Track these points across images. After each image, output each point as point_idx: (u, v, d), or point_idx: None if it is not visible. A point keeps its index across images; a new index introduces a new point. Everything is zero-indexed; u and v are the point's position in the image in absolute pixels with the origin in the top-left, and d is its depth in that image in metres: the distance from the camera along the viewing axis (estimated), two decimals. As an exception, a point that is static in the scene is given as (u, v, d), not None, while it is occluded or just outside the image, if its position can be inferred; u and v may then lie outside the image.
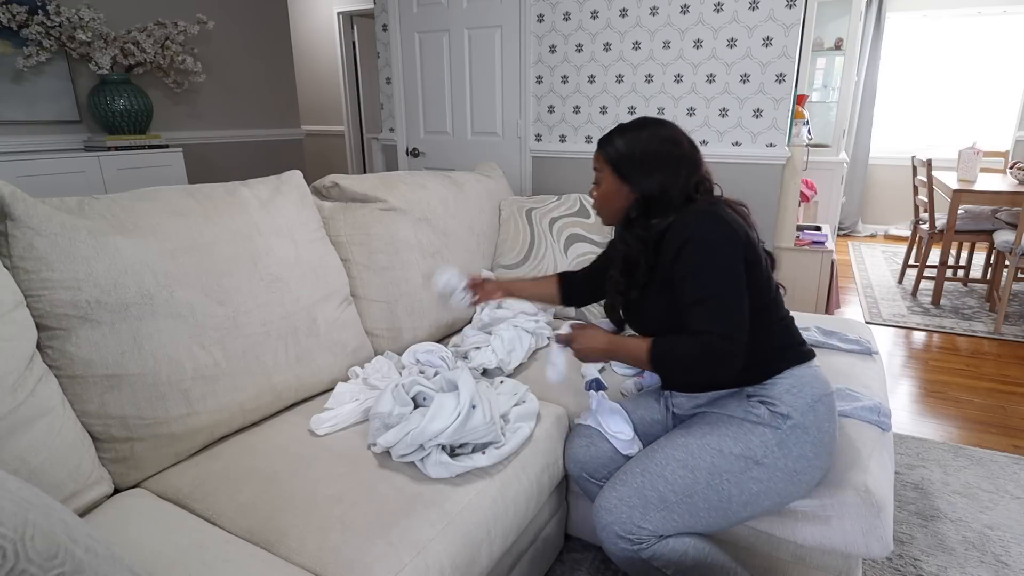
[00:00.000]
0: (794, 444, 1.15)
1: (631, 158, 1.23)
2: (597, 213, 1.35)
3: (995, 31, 5.12)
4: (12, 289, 1.04)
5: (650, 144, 1.22)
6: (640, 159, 1.22)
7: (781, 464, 1.15)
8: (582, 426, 1.41)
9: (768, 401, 1.18)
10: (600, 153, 1.28)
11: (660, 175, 1.21)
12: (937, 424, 2.34)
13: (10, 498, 0.52)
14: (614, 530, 1.16)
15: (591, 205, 1.37)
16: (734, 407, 1.21)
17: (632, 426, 1.35)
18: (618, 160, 1.24)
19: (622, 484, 1.19)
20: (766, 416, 1.17)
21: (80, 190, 2.79)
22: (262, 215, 1.45)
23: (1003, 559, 1.61)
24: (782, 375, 1.20)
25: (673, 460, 1.18)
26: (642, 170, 1.22)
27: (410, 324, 1.80)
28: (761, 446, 1.15)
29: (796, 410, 1.16)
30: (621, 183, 1.25)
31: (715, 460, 1.16)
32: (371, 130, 5.78)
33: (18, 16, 2.68)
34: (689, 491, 1.15)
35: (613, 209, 1.29)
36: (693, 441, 1.20)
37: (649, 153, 1.22)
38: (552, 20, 2.87)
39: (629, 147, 1.23)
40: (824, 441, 1.18)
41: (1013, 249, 3.13)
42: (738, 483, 1.15)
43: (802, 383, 1.19)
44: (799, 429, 1.16)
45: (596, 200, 1.32)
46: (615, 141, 1.25)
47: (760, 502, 1.17)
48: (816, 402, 1.18)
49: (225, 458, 1.25)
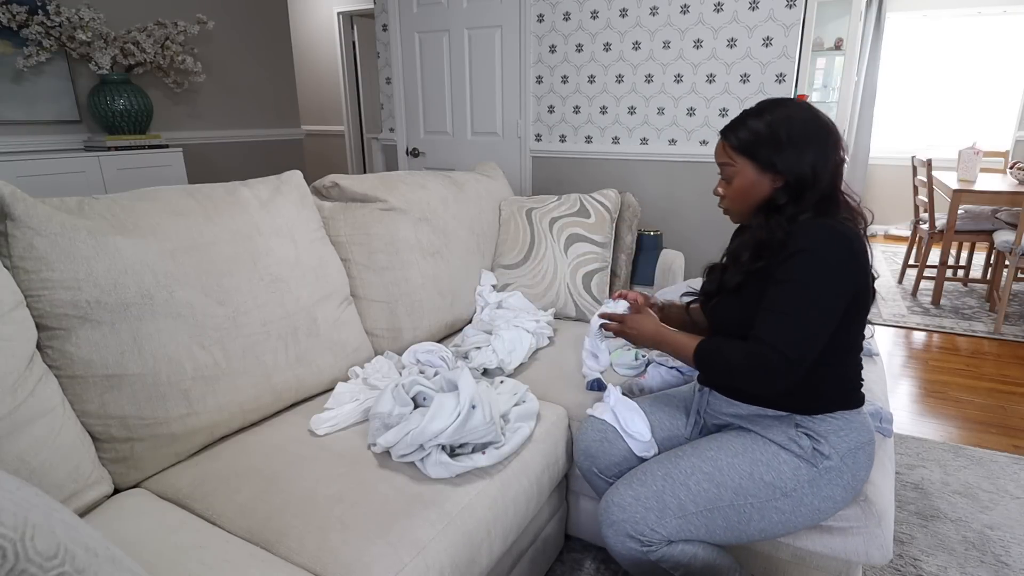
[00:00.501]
0: (825, 485, 1.13)
1: (774, 139, 1.10)
2: (726, 211, 1.22)
3: (995, 31, 5.12)
4: (12, 289, 1.04)
5: (793, 123, 1.11)
6: (787, 139, 1.10)
7: (807, 501, 1.13)
8: (595, 419, 1.36)
9: (814, 436, 1.14)
10: (728, 144, 1.16)
11: (811, 154, 1.09)
12: (937, 424, 2.34)
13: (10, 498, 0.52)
14: (624, 528, 1.13)
15: (718, 203, 1.24)
16: (777, 432, 1.16)
17: (650, 428, 1.31)
18: (756, 145, 1.12)
19: (640, 484, 1.16)
20: (808, 451, 1.13)
21: (80, 190, 2.79)
22: (262, 215, 1.45)
23: (1003, 559, 1.61)
24: (834, 415, 1.15)
25: (700, 472, 1.15)
26: (792, 150, 1.09)
27: (410, 324, 1.80)
28: (793, 479, 1.12)
29: (837, 453, 1.13)
30: (762, 172, 1.13)
31: (743, 482, 1.13)
32: (371, 130, 5.78)
33: (18, 16, 2.68)
34: (711, 506, 1.13)
35: (752, 203, 1.16)
36: (724, 458, 1.15)
37: (795, 132, 1.10)
38: (552, 20, 2.87)
39: (769, 129, 1.11)
40: (854, 487, 1.15)
41: (1013, 249, 3.13)
42: (760, 509, 1.13)
43: (850, 427, 1.15)
44: (835, 472, 1.13)
45: (730, 197, 1.19)
46: (749, 125, 1.13)
47: (775, 530, 1.15)
48: (858, 449, 1.15)
49: (225, 458, 1.25)
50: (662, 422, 1.34)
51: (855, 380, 1.20)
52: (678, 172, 2.79)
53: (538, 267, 2.10)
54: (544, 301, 2.07)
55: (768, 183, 1.14)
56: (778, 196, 1.13)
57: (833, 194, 1.13)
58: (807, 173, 1.10)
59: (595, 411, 1.38)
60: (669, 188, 2.83)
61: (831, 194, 1.12)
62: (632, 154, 2.87)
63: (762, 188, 1.14)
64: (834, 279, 1.04)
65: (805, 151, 1.10)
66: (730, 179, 1.18)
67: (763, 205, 1.15)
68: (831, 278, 1.04)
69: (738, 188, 1.17)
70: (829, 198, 1.12)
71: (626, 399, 1.36)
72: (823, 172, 1.10)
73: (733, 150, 1.15)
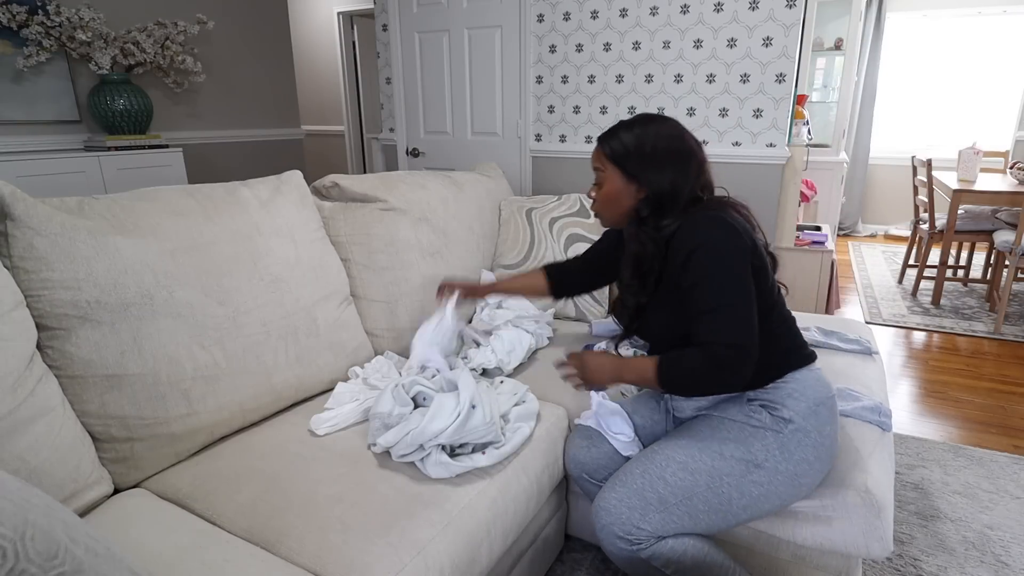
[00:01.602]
0: (795, 448, 1.15)
1: (640, 154, 1.19)
2: (596, 215, 1.31)
3: (995, 31, 5.12)
4: (12, 289, 1.04)
5: (659, 139, 1.19)
6: (650, 154, 1.18)
7: (782, 467, 1.15)
8: (582, 427, 1.40)
9: (769, 405, 1.18)
10: (602, 151, 1.23)
11: (671, 171, 1.18)
12: (937, 424, 2.34)
13: (10, 498, 0.52)
14: (613, 530, 1.16)
15: (590, 207, 1.33)
16: (735, 411, 1.21)
17: (632, 427, 1.35)
18: (625, 156, 1.20)
19: (621, 485, 1.19)
20: (768, 421, 1.17)
21: (80, 190, 2.79)
22: (262, 215, 1.45)
23: (1003, 559, 1.61)
24: (784, 379, 1.19)
25: (673, 462, 1.18)
26: (653, 166, 1.18)
27: (410, 324, 1.79)
28: (762, 450, 1.15)
29: (798, 414, 1.16)
30: (628, 181, 1.21)
31: (715, 463, 1.16)
32: (371, 130, 5.78)
33: (18, 16, 2.69)
34: (689, 493, 1.15)
35: (618, 210, 1.25)
36: (694, 444, 1.19)
37: (659, 148, 1.18)
38: (552, 20, 2.87)
39: (637, 142, 1.19)
40: (825, 444, 1.18)
41: (1013, 249, 3.13)
42: (738, 486, 1.15)
43: (804, 387, 1.19)
44: (800, 433, 1.15)
45: (598, 201, 1.27)
46: (620, 137, 1.21)
47: (760, 505, 1.17)
48: (818, 406, 1.18)
49: (225, 458, 1.25)
50: (644, 420, 1.38)
51: (788, 340, 1.23)
52: (678, 172, 2.79)
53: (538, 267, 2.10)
54: (544, 301, 2.06)
55: (633, 192, 1.21)
56: (642, 207, 1.21)
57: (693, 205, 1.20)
58: (666, 189, 1.18)
59: (582, 420, 1.42)
60: (669, 188, 2.83)
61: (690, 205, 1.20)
62: (632, 154, 2.86)
63: (628, 196, 1.22)
64: (732, 258, 1.11)
65: (664, 168, 1.18)
66: (601, 184, 1.25)
67: (632, 215, 1.24)
68: (730, 259, 1.11)
69: (607, 193, 1.24)
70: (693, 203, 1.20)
71: (607, 402, 1.40)
72: (682, 189, 1.18)
73: (605, 157, 1.23)
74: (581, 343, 1.84)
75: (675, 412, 1.35)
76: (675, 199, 1.18)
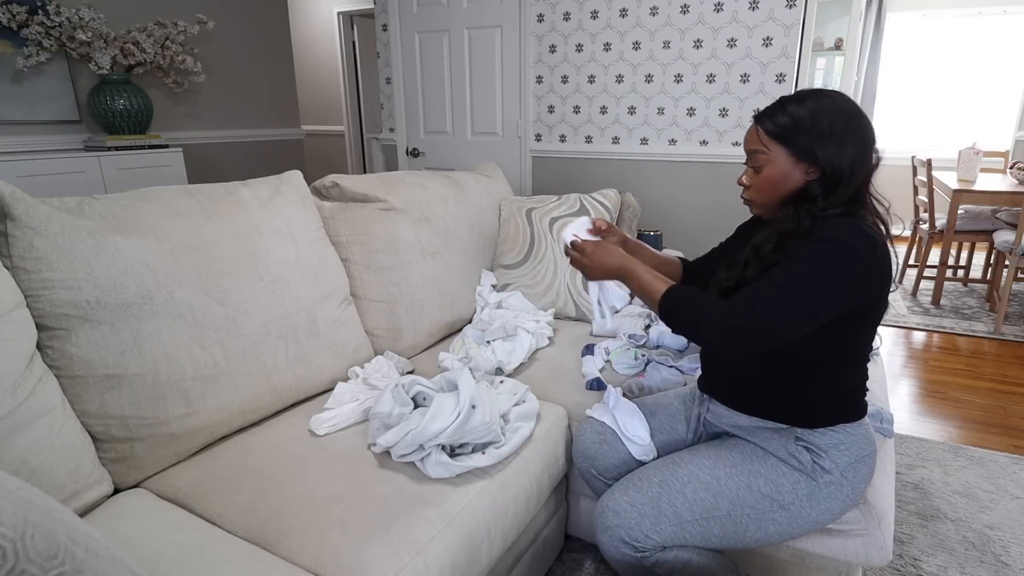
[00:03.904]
0: (824, 498, 1.11)
1: (815, 128, 1.04)
2: (748, 201, 1.16)
3: (995, 31, 5.12)
4: (12, 289, 1.04)
5: (837, 114, 1.04)
6: (828, 130, 1.03)
7: (805, 513, 1.11)
8: (595, 420, 1.35)
9: (814, 450, 1.11)
10: (763, 129, 1.08)
11: (852, 148, 1.03)
12: (937, 424, 2.34)
13: (10, 498, 0.52)
14: (619, 534, 1.13)
15: (741, 193, 1.17)
16: (776, 445, 1.14)
17: (649, 431, 1.30)
18: (795, 132, 1.05)
19: (636, 490, 1.15)
20: (808, 465, 1.11)
21: (80, 190, 2.79)
22: (262, 215, 1.45)
23: (1003, 559, 1.61)
24: (835, 428, 1.11)
25: (697, 480, 1.13)
26: (833, 141, 1.03)
27: (410, 324, 1.80)
28: (791, 492, 1.11)
29: (838, 467, 1.10)
30: (797, 161, 1.06)
31: (740, 493, 1.11)
32: (371, 130, 5.78)
33: (18, 16, 2.68)
34: (707, 515, 1.12)
35: (780, 194, 1.10)
36: (722, 468, 1.14)
37: (838, 124, 1.04)
38: (552, 20, 2.87)
39: (811, 117, 1.04)
40: (853, 499, 1.14)
41: (1013, 249, 3.13)
42: (757, 520, 1.12)
43: (852, 440, 1.12)
44: (834, 486, 1.11)
45: (756, 188, 1.12)
46: (789, 111, 1.06)
47: (771, 539, 1.14)
48: (859, 462, 1.12)
49: (225, 458, 1.25)
50: (662, 426, 1.32)
51: (859, 392, 1.16)
52: (678, 172, 2.79)
53: (538, 267, 2.10)
54: (544, 301, 2.07)
55: (801, 174, 1.07)
56: (812, 187, 1.06)
57: (862, 194, 1.08)
58: (845, 167, 1.04)
59: (594, 412, 1.37)
60: (669, 188, 2.83)
61: (861, 193, 1.08)
62: (632, 154, 2.86)
63: (793, 179, 1.08)
64: (844, 270, 0.99)
65: (846, 144, 1.04)
66: (760, 167, 1.10)
67: (791, 197, 1.09)
68: (843, 272, 0.98)
69: (767, 177, 1.10)
70: (858, 197, 1.07)
71: (626, 401, 1.35)
72: (860, 168, 1.05)
73: (768, 136, 1.08)
74: (581, 343, 1.84)
75: (707, 424, 1.28)
76: (851, 179, 1.04)
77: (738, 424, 1.20)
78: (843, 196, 1.05)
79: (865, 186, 1.08)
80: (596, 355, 1.71)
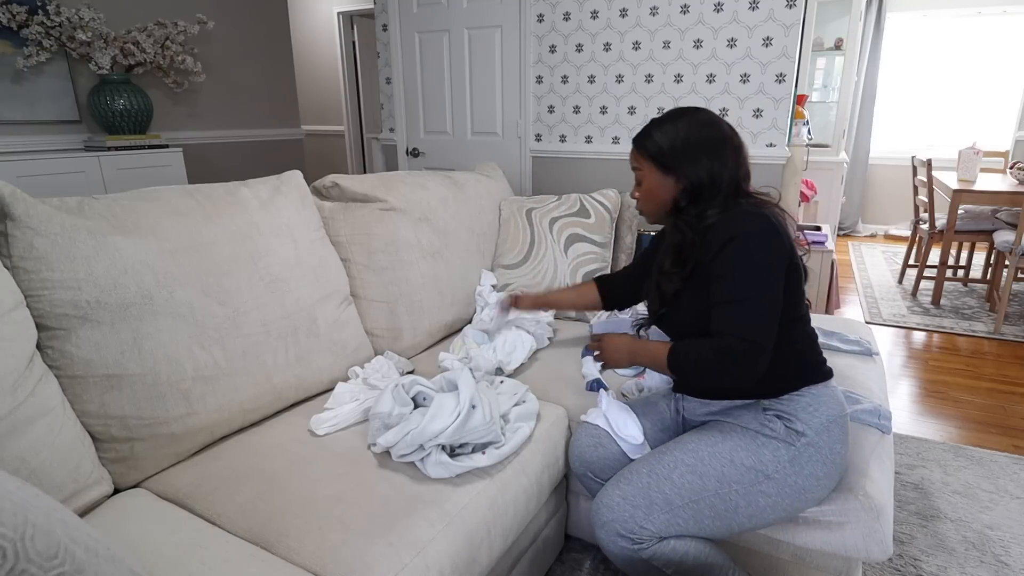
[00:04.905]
0: (806, 462, 1.14)
1: (673, 148, 1.20)
2: (641, 212, 1.32)
3: (995, 31, 5.12)
4: (12, 289, 1.04)
5: (691, 131, 1.20)
6: (683, 147, 1.19)
7: (791, 480, 1.14)
8: (589, 424, 1.38)
9: (785, 416, 1.17)
10: (637, 151, 1.26)
11: (706, 160, 1.18)
12: (937, 424, 2.34)
13: (10, 498, 0.52)
14: (615, 528, 1.15)
15: (635, 206, 1.35)
16: (749, 419, 1.19)
17: (642, 430, 1.33)
18: (659, 153, 1.21)
19: (627, 483, 1.18)
20: (781, 431, 1.16)
21: (80, 190, 2.79)
22: (262, 215, 1.45)
23: (1003, 559, 1.61)
24: (800, 392, 1.18)
25: (682, 464, 1.17)
26: (687, 157, 1.19)
27: (410, 324, 1.80)
28: (773, 461, 1.14)
29: (811, 428, 1.15)
30: (665, 176, 1.22)
31: (725, 469, 1.15)
32: (371, 130, 5.78)
33: (18, 16, 2.68)
34: (696, 497, 1.14)
35: (659, 204, 1.26)
36: (704, 448, 1.18)
37: (692, 139, 1.19)
38: (552, 20, 2.86)
39: (669, 137, 1.20)
40: (835, 462, 1.17)
41: (1013, 249, 3.13)
42: (746, 495, 1.14)
43: (819, 402, 1.18)
44: (812, 448, 1.14)
45: (640, 200, 1.29)
46: (652, 135, 1.23)
47: (765, 515, 1.16)
48: (831, 422, 1.17)
49: (225, 458, 1.25)
50: (654, 423, 1.36)
51: (812, 354, 1.24)
52: (678, 172, 2.79)
53: (538, 267, 2.10)
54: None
55: (672, 185, 1.22)
56: (680, 198, 1.22)
57: (736, 195, 1.20)
58: (704, 178, 1.18)
59: (588, 417, 1.40)
60: (669, 188, 2.83)
61: (734, 195, 1.19)
62: (632, 154, 2.86)
63: (667, 190, 1.23)
64: (767, 253, 1.11)
65: (699, 159, 1.18)
66: (640, 182, 1.27)
67: (672, 208, 1.24)
68: (764, 253, 1.11)
69: (647, 190, 1.26)
70: (732, 198, 1.19)
71: (618, 402, 1.38)
72: (720, 176, 1.18)
73: (641, 156, 1.25)
74: (581, 344, 1.84)
75: (685, 414, 1.34)
76: (714, 187, 1.18)
77: (711, 411, 1.28)
78: (714, 200, 1.19)
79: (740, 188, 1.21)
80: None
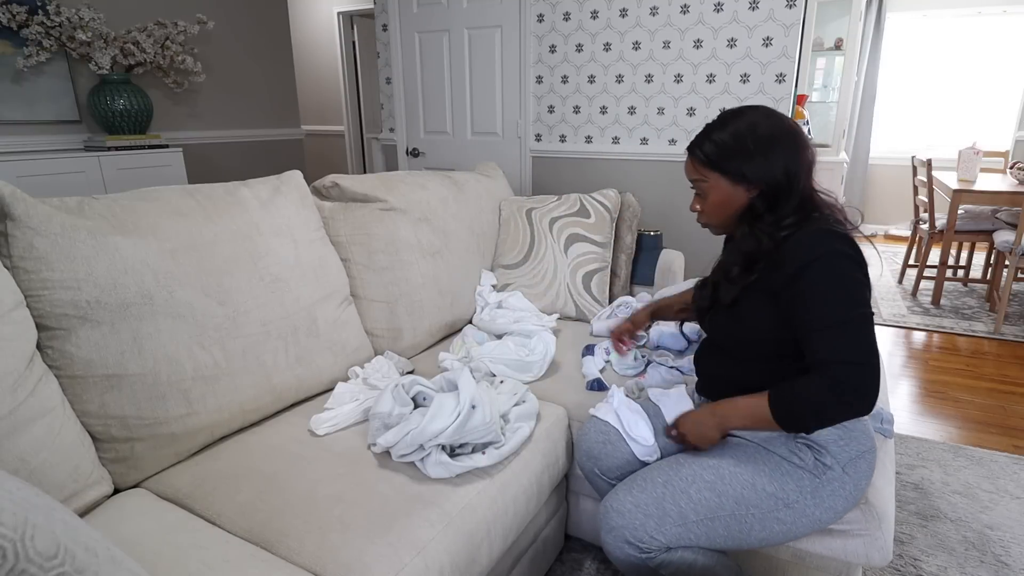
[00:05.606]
0: (827, 496, 1.11)
1: (742, 150, 1.09)
2: (706, 226, 1.21)
3: (995, 31, 5.12)
4: (12, 289, 1.04)
5: (758, 128, 1.08)
6: (754, 148, 1.08)
7: (810, 511, 1.11)
8: (598, 420, 1.35)
9: (815, 447, 1.12)
10: (695, 160, 1.14)
11: (781, 158, 1.07)
12: (937, 424, 2.34)
13: (10, 498, 0.52)
14: (623, 535, 1.12)
15: (697, 219, 1.21)
16: (779, 445, 1.14)
17: (653, 432, 1.29)
18: (723, 158, 1.10)
19: (640, 490, 1.15)
20: (810, 463, 1.11)
21: (80, 190, 2.79)
22: (262, 215, 1.45)
23: (1003, 559, 1.61)
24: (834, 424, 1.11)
25: (701, 480, 1.13)
26: (760, 157, 1.07)
27: (410, 324, 1.80)
28: (796, 491, 1.11)
29: (839, 462, 1.11)
30: (734, 184, 1.11)
31: (746, 492, 1.11)
32: (371, 130, 5.78)
33: (18, 16, 2.69)
34: (712, 515, 1.12)
35: (731, 215, 1.15)
36: (726, 468, 1.13)
37: (762, 137, 1.08)
38: (552, 20, 2.87)
39: (735, 139, 1.09)
40: (855, 497, 1.14)
41: (1013, 249, 3.13)
42: (762, 519, 1.12)
43: (851, 436, 1.12)
44: (837, 482, 1.11)
45: (707, 212, 1.17)
46: (713, 139, 1.11)
47: (776, 539, 1.14)
48: (859, 457, 1.13)
49: (225, 458, 1.25)
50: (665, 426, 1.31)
51: None
52: (678, 172, 2.79)
53: (538, 267, 2.10)
54: (544, 301, 2.07)
55: (744, 193, 1.12)
56: (756, 205, 1.11)
57: (810, 195, 1.12)
58: (780, 178, 1.08)
59: (598, 412, 1.37)
60: (669, 188, 2.83)
61: (808, 195, 1.11)
62: (632, 154, 2.87)
63: (738, 199, 1.13)
64: (854, 274, 1.02)
65: (774, 156, 1.08)
66: (705, 194, 1.16)
67: (744, 214, 1.14)
68: (852, 274, 1.02)
69: (714, 203, 1.15)
70: (807, 199, 1.11)
71: (630, 401, 1.35)
72: (796, 175, 1.08)
73: (702, 165, 1.14)
74: (581, 343, 1.84)
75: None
76: (792, 187, 1.08)
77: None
78: (790, 206, 1.09)
79: (810, 187, 1.12)
80: (596, 355, 1.71)
